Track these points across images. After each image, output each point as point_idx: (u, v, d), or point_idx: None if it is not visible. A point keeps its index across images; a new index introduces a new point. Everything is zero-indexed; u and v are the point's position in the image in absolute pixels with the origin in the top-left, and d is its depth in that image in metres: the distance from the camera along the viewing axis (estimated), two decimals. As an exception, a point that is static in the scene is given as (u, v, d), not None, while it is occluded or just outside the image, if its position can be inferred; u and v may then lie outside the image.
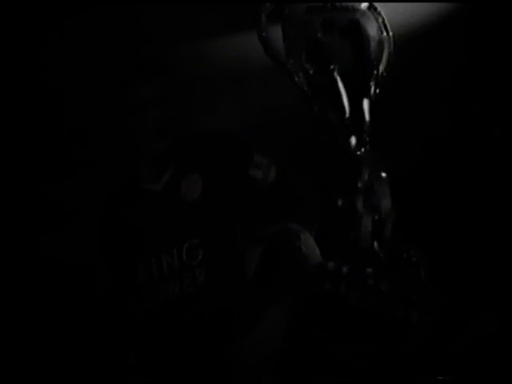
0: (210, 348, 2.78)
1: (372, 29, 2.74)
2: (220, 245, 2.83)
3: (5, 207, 3.51)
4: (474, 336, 2.96)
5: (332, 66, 2.70)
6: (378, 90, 2.72)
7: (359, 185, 2.69)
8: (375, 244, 2.72)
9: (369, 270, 2.55)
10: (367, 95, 2.70)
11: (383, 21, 2.77)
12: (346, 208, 2.73)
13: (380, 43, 2.74)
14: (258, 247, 2.96)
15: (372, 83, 2.70)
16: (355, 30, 2.69)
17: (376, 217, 2.70)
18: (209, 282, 2.79)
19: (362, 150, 2.69)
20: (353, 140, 2.67)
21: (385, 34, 2.76)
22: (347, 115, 2.67)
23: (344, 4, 2.72)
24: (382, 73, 2.73)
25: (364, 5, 2.75)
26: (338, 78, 2.69)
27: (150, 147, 2.83)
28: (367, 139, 2.69)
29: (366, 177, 2.66)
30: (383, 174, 2.70)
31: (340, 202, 2.73)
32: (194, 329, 2.79)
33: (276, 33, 2.75)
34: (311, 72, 2.70)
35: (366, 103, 2.69)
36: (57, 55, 3.46)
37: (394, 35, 2.78)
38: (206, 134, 2.90)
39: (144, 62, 2.86)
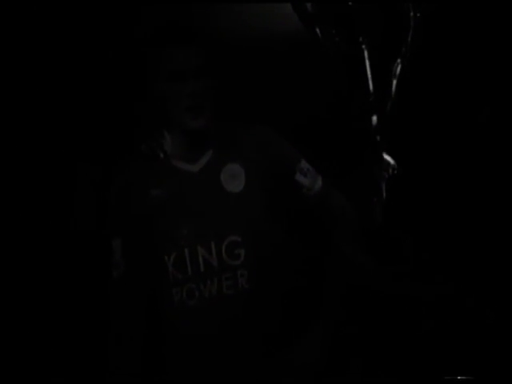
0: (249, 360, 2.49)
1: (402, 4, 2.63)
2: (264, 247, 2.55)
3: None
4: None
5: (361, 39, 2.56)
6: (403, 69, 2.60)
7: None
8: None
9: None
10: (394, 72, 2.57)
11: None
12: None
13: (407, 19, 2.63)
14: None
15: (399, 60, 2.58)
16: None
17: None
18: (251, 287, 2.51)
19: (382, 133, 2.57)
20: (374, 118, 2.54)
21: (412, 13, 2.64)
22: (371, 91, 2.54)
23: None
24: (407, 52, 2.61)
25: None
26: (366, 52, 2.55)
27: (182, 122, 2.49)
28: (389, 119, 2.56)
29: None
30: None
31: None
32: (232, 337, 2.49)
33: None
34: (337, 39, 2.56)
35: (392, 80, 2.57)
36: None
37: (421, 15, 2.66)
38: (252, 124, 2.61)
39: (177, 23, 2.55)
